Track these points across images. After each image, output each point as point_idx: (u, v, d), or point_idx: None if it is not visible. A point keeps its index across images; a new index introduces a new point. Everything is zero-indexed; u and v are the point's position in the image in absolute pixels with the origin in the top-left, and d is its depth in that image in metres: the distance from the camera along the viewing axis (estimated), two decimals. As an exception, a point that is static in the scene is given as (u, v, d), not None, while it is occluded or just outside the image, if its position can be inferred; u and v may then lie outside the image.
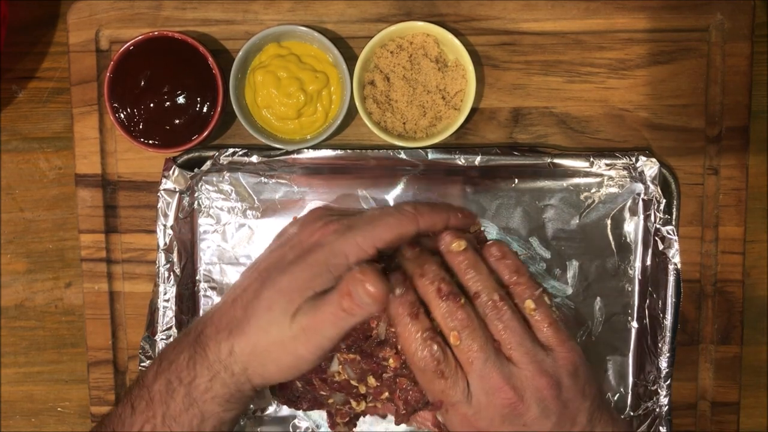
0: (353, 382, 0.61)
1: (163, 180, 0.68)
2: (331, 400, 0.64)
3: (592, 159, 0.67)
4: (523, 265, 0.58)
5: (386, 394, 0.60)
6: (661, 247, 0.67)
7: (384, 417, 0.64)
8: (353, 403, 0.63)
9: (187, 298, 0.69)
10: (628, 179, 0.68)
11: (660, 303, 0.67)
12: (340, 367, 0.61)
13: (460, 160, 0.67)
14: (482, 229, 0.69)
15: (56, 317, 0.73)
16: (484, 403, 0.54)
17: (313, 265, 0.53)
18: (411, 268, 0.57)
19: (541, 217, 0.69)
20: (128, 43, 0.65)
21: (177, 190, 0.68)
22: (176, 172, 0.68)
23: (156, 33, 0.65)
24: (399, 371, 0.59)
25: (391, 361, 0.59)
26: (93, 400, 0.71)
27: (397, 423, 0.63)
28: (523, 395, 0.54)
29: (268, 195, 0.70)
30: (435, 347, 0.55)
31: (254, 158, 0.67)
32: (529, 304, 0.57)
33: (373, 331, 0.60)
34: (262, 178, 0.69)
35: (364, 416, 0.66)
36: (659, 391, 0.67)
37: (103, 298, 0.70)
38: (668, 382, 0.67)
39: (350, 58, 0.67)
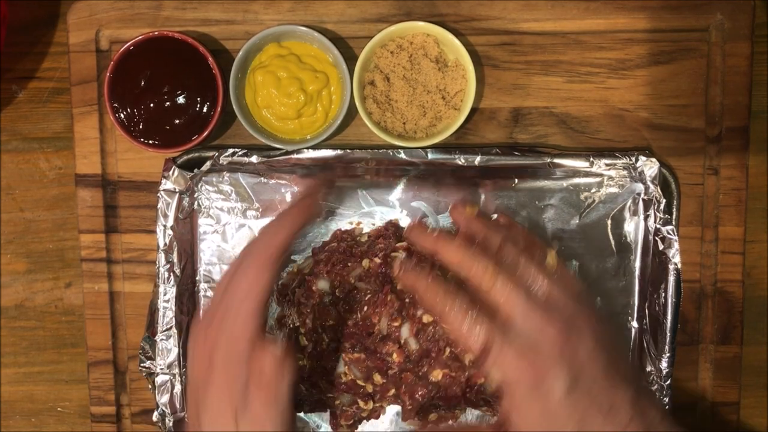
0: (360, 382, 0.62)
1: (163, 180, 0.68)
2: (338, 402, 0.64)
3: (592, 159, 0.67)
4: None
5: (393, 391, 0.60)
6: (661, 247, 0.67)
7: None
8: (361, 403, 0.63)
9: (187, 299, 0.69)
10: (628, 179, 0.68)
11: (660, 303, 0.67)
12: (346, 368, 0.62)
13: (460, 160, 0.67)
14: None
15: (56, 317, 0.73)
16: (536, 341, 0.52)
17: (224, 370, 0.54)
18: (425, 241, 0.58)
19: (541, 217, 0.69)
20: (128, 43, 0.65)
21: (177, 190, 0.68)
22: (176, 173, 0.68)
23: (156, 33, 0.65)
24: (403, 365, 0.60)
25: (395, 355, 0.59)
26: (93, 400, 0.71)
27: (404, 419, 0.63)
28: (571, 329, 0.53)
29: (268, 195, 0.70)
30: (463, 295, 0.54)
31: (254, 158, 0.67)
32: (552, 256, 0.58)
33: (375, 327, 0.60)
34: (262, 178, 0.69)
35: (368, 420, 0.66)
36: (659, 391, 0.67)
37: (103, 298, 0.70)
38: (668, 382, 0.67)
39: (350, 58, 0.67)
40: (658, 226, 0.67)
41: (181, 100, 0.66)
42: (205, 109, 0.66)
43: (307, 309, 0.63)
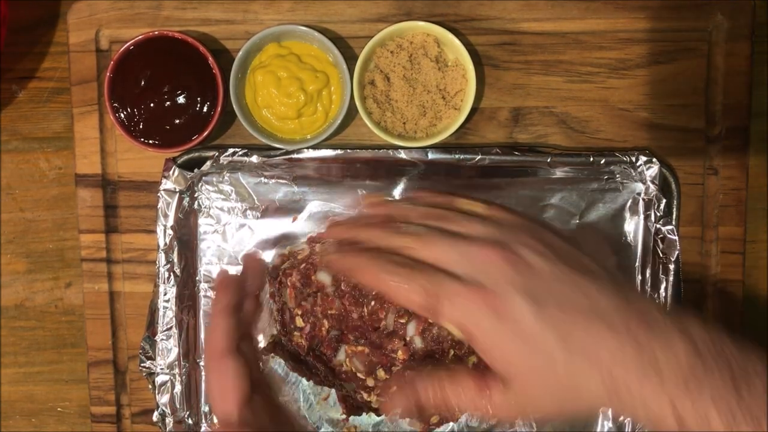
0: (360, 375, 0.61)
1: (163, 180, 0.68)
2: (343, 390, 0.64)
3: (592, 159, 0.67)
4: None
5: (395, 388, 0.60)
6: (661, 247, 0.67)
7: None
8: (364, 394, 0.63)
9: (187, 299, 0.69)
10: (628, 179, 0.68)
11: (660, 303, 0.67)
12: (347, 359, 0.61)
13: (460, 160, 0.67)
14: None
15: (56, 317, 0.73)
16: (478, 271, 0.47)
17: None
18: (338, 230, 0.56)
19: (541, 217, 0.69)
20: (128, 43, 0.65)
21: (177, 190, 0.68)
22: (176, 172, 0.68)
23: (156, 33, 0.65)
24: (407, 364, 0.59)
25: (400, 353, 0.59)
26: (93, 400, 0.71)
27: (402, 417, 0.62)
28: (511, 247, 0.48)
29: (268, 195, 0.70)
30: (391, 255, 0.49)
31: (254, 158, 0.67)
32: (476, 204, 0.53)
33: (381, 322, 0.60)
34: (262, 178, 0.69)
35: (367, 411, 0.65)
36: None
37: (103, 298, 0.70)
38: (668, 382, 0.67)
39: (350, 58, 0.67)
40: (658, 226, 0.67)
41: (181, 100, 0.66)
42: (205, 109, 0.66)
43: (302, 294, 0.62)
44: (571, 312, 0.46)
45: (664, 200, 0.67)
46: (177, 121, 0.66)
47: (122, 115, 0.66)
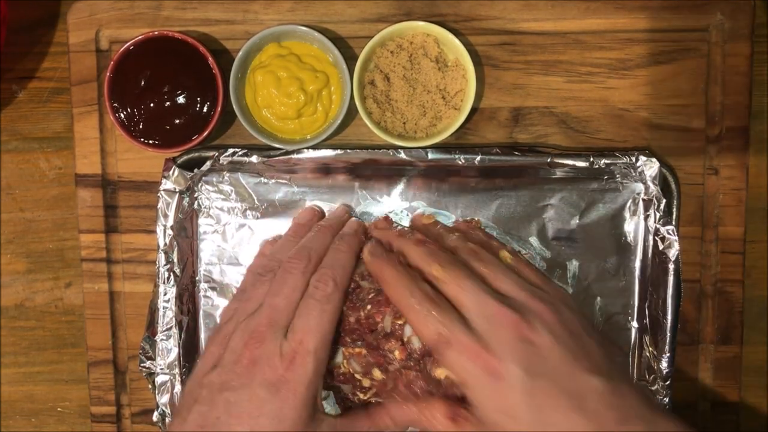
0: (357, 376, 0.61)
1: (163, 180, 0.68)
2: (340, 392, 0.64)
3: (592, 159, 0.67)
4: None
5: (390, 385, 0.60)
6: (661, 247, 0.67)
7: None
8: (360, 394, 0.63)
9: (187, 299, 0.69)
10: (628, 179, 0.68)
11: (660, 303, 0.67)
12: (345, 360, 0.62)
13: (460, 160, 0.67)
14: (483, 227, 0.69)
15: (56, 317, 0.73)
16: (489, 330, 0.52)
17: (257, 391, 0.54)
18: (387, 234, 0.61)
19: (541, 217, 0.69)
20: (128, 43, 0.65)
21: (177, 190, 0.68)
22: (176, 173, 0.68)
23: (156, 33, 0.65)
24: (405, 363, 0.59)
25: (397, 352, 0.59)
26: (93, 400, 0.71)
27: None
28: (527, 317, 0.52)
29: (268, 195, 0.70)
30: (424, 285, 0.55)
31: (254, 158, 0.67)
32: (505, 254, 0.59)
33: (378, 324, 0.60)
34: (262, 178, 0.69)
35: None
36: (659, 391, 0.67)
37: (103, 298, 0.70)
38: (668, 382, 0.67)
39: (350, 58, 0.67)
40: (658, 226, 0.67)
41: (181, 100, 0.66)
42: (205, 109, 0.66)
43: None
44: (557, 394, 0.50)
45: (664, 200, 0.67)
46: (177, 121, 0.66)
47: (122, 115, 0.66)
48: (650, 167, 0.67)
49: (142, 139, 0.66)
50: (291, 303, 0.57)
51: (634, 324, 0.70)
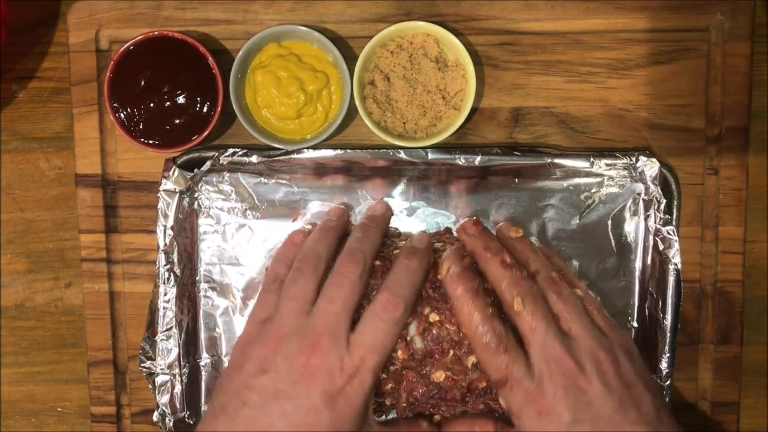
0: None
1: (163, 180, 0.68)
2: None
3: (592, 159, 0.67)
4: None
5: (390, 385, 0.60)
6: (661, 247, 0.67)
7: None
8: None
9: (187, 299, 0.69)
10: (628, 179, 0.68)
11: (660, 303, 0.67)
12: None
13: (460, 160, 0.67)
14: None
15: (56, 317, 0.73)
16: (546, 375, 0.54)
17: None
18: (474, 243, 0.60)
19: (541, 217, 0.69)
20: (128, 43, 0.65)
21: (177, 190, 0.68)
22: (176, 173, 0.68)
23: (156, 33, 0.65)
24: (406, 363, 0.59)
25: (399, 352, 0.59)
26: (93, 400, 0.71)
27: (399, 415, 0.62)
28: (585, 367, 0.54)
29: (268, 195, 0.70)
30: (497, 322, 0.56)
31: (254, 158, 0.67)
32: (578, 291, 0.60)
33: None
34: (262, 178, 0.69)
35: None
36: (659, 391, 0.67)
37: (103, 298, 0.70)
38: (668, 382, 0.67)
39: (350, 58, 0.67)
40: (658, 226, 0.67)
41: (181, 100, 0.66)
42: (205, 109, 0.66)
43: None
44: None
45: (664, 200, 0.67)
46: (177, 121, 0.66)
47: (122, 115, 0.66)
48: (650, 167, 0.67)
49: (142, 139, 0.66)
50: (348, 310, 0.56)
51: (634, 324, 0.70)
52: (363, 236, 0.61)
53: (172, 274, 0.68)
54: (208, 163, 0.68)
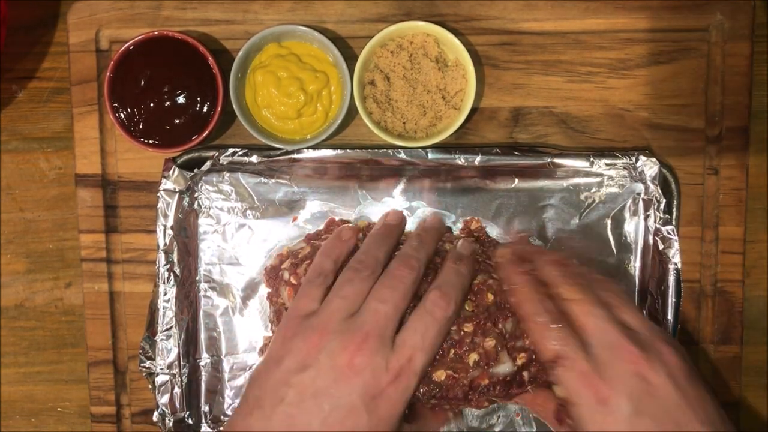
0: None
1: (163, 180, 0.68)
2: None
3: (592, 159, 0.67)
4: None
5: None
6: (661, 247, 0.67)
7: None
8: None
9: (187, 299, 0.69)
10: (628, 179, 0.68)
11: (660, 303, 0.67)
12: None
13: (460, 160, 0.67)
14: (483, 227, 0.69)
15: (56, 317, 0.73)
16: (607, 359, 0.52)
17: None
18: (524, 249, 0.62)
19: (541, 217, 0.69)
20: (128, 43, 0.65)
21: (177, 190, 0.68)
22: (176, 173, 0.68)
23: (156, 33, 0.65)
24: None
25: None
26: (93, 400, 0.71)
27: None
28: (648, 355, 0.52)
29: (268, 195, 0.70)
30: (549, 302, 0.56)
31: (254, 158, 0.67)
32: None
33: None
34: (262, 178, 0.69)
35: None
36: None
37: (103, 298, 0.70)
38: (668, 382, 0.67)
39: (350, 58, 0.67)
40: (658, 226, 0.67)
41: (181, 100, 0.66)
42: (205, 109, 0.66)
43: None
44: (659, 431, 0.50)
45: (664, 200, 0.67)
46: (177, 121, 0.66)
47: (122, 115, 0.66)
48: (650, 167, 0.67)
49: (142, 139, 0.66)
50: (398, 313, 0.55)
51: (634, 324, 0.70)
52: (419, 245, 0.60)
53: (172, 273, 0.68)
54: (208, 163, 0.68)
